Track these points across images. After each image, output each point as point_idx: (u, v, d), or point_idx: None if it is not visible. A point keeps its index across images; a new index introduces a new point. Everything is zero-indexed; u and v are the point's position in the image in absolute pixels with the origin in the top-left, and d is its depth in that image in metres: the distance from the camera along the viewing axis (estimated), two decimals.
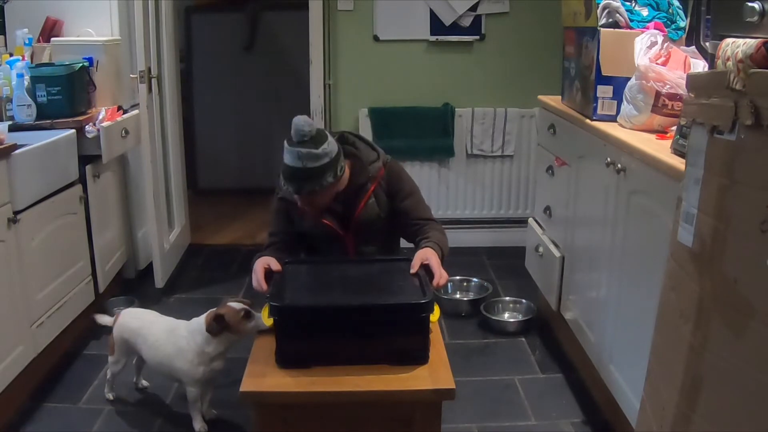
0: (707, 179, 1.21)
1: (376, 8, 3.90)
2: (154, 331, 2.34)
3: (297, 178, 2.11)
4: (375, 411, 1.87)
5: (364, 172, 2.29)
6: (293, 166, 2.10)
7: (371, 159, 2.32)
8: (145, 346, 2.35)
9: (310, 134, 2.09)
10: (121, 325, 2.42)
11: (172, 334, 2.30)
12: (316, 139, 2.10)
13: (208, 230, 4.50)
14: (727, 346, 1.14)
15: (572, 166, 2.71)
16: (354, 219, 2.28)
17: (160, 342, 2.31)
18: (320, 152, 2.09)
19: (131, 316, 2.45)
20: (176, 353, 2.26)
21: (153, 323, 2.39)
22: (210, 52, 5.23)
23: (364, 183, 2.28)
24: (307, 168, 2.09)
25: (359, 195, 2.27)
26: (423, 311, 1.90)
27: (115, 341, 2.43)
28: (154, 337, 2.33)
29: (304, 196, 2.16)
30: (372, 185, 2.29)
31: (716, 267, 1.17)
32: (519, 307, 3.29)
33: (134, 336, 2.38)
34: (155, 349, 2.32)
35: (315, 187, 2.12)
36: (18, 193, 2.44)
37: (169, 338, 2.29)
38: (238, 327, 2.17)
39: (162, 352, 2.30)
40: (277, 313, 1.90)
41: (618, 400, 2.19)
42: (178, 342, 2.26)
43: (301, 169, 2.09)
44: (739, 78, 1.15)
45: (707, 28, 2.44)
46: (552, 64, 3.62)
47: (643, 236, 2.03)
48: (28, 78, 2.91)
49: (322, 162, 2.10)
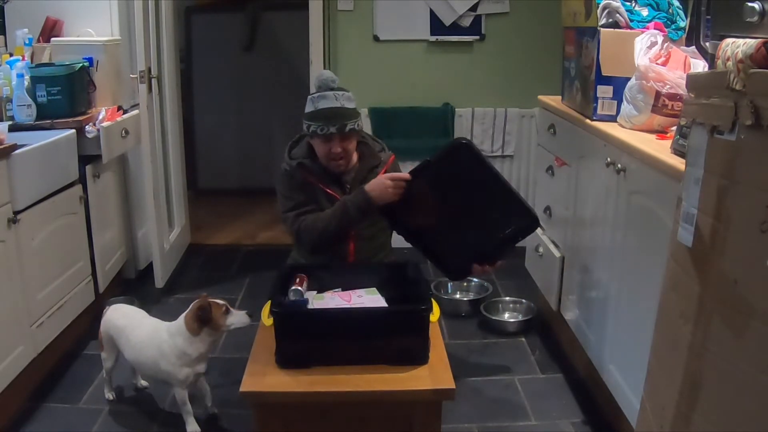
0: (707, 179, 1.21)
1: (376, 8, 3.90)
2: (138, 333, 2.34)
3: (338, 116, 2.24)
4: (375, 411, 1.87)
5: (375, 156, 2.43)
6: (332, 106, 2.25)
7: (377, 148, 2.47)
8: (128, 346, 2.35)
9: (337, 83, 2.29)
10: (108, 321, 2.43)
11: (155, 336, 2.29)
12: (343, 88, 2.30)
13: (208, 230, 4.50)
14: (727, 346, 1.14)
15: (572, 166, 2.71)
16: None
17: (144, 344, 2.30)
18: (351, 95, 2.30)
19: (119, 313, 2.45)
20: (159, 356, 2.25)
21: (138, 325, 2.38)
22: (210, 52, 5.23)
23: (375, 165, 2.40)
24: (345, 107, 2.26)
25: (368, 176, 2.36)
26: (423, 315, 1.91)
27: (103, 336, 2.43)
28: (138, 339, 2.33)
29: (345, 134, 2.26)
30: (383, 169, 2.39)
31: (716, 267, 1.17)
32: (519, 307, 3.29)
33: (118, 333, 2.38)
34: (138, 350, 2.32)
35: (354, 125, 2.27)
36: (18, 193, 2.44)
37: (152, 340, 2.28)
38: (218, 321, 2.20)
39: (145, 354, 2.30)
40: (277, 315, 1.90)
41: (618, 400, 2.19)
42: (160, 345, 2.25)
43: (341, 108, 2.25)
44: (739, 78, 1.15)
45: (707, 28, 2.43)
46: (552, 64, 3.62)
47: (643, 236, 2.03)
48: (28, 78, 2.91)
49: (354, 104, 2.30)
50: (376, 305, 2.06)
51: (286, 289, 2.07)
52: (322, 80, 2.30)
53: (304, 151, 2.38)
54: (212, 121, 5.31)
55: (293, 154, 2.41)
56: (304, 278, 2.12)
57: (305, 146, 2.39)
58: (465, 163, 2.26)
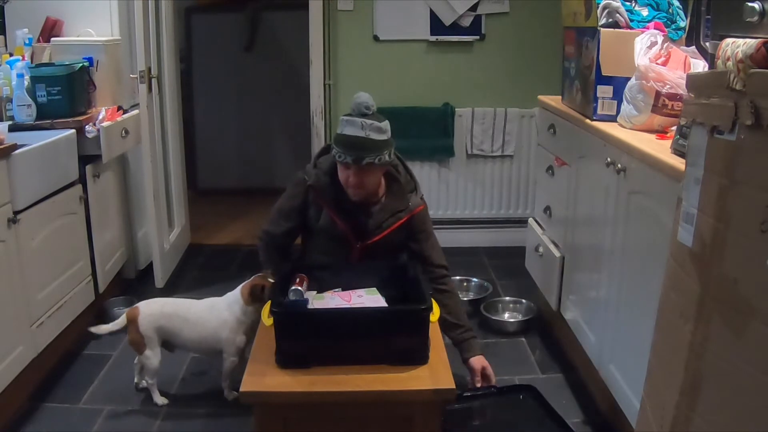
0: (707, 179, 1.21)
1: (376, 8, 3.90)
2: (194, 310, 2.48)
3: (359, 147, 2.15)
4: (375, 411, 1.87)
5: (403, 199, 2.32)
6: (356, 135, 2.15)
7: (409, 188, 2.36)
8: (186, 327, 2.45)
9: (373, 109, 2.17)
10: (150, 316, 2.45)
11: (213, 308, 2.46)
12: (377, 115, 2.18)
13: (208, 230, 4.50)
14: (727, 346, 1.14)
15: (572, 166, 2.71)
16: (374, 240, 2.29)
17: (204, 318, 2.45)
18: (383, 126, 2.18)
19: (157, 305, 2.50)
20: (221, 325, 2.42)
21: (190, 305, 2.52)
22: (210, 52, 5.23)
23: (401, 210, 2.31)
24: (370, 139, 2.15)
25: (390, 220, 2.29)
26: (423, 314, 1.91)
27: (145, 335, 2.44)
28: (197, 315, 2.46)
29: (362, 167, 2.17)
30: (406, 216, 2.31)
31: (716, 267, 1.17)
32: (519, 307, 3.29)
33: (172, 320, 2.45)
34: (200, 326, 2.44)
35: (374, 160, 2.16)
36: (18, 193, 2.44)
37: (212, 313, 2.45)
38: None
39: (206, 327, 2.44)
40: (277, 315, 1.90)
41: (618, 400, 2.19)
42: (220, 315, 2.42)
43: (364, 139, 2.14)
44: (739, 78, 1.15)
45: (707, 28, 2.43)
46: (552, 64, 3.62)
47: (643, 236, 2.03)
48: (28, 78, 2.91)
49: (384, 137, 2.17)
50: (376, 305, 2.06)
51: (286, 289, 2.07)
52: (356, 104, 2.17)
53: (329, 164, 2.31)
54: (212, 121, 5.31)
55: (319, 162, 2.34)
56: (304, 278, 2.12)
57: (332, 159, 2.30)
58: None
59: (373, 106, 2.17)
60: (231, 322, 2.41)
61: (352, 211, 2.29)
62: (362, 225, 2.30)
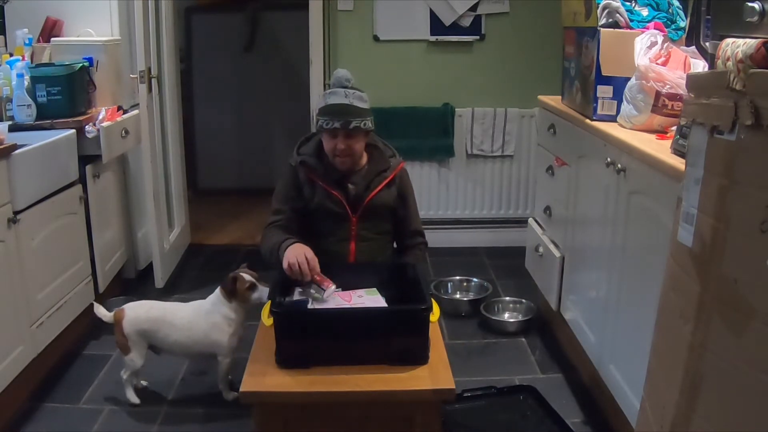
0: (707, 179, 1.21)
1: (376, 8, 3.90)
2: (181, 314, 2.45)
3: (345, 113, 2.25)
4: (375, 411, 1.87)
5: (384, 161, 2.43)
6: (341, 102, 2.27)
7: (388, 153, 2.47)
8: (173, 331, 2.42)
9: (353, 83, 2.32)
10: (135, 319, 2.44)
11: (200, 311, 2.44)
12: (356, 88, 2.32)
13: (208, 230, 4.50)
14: (727, 346, 1.13)
15: (572, 166, 2.71)
16: (367, 201, 2.34)
17: (192, 322, 2.43)
18: (364, 96, 2.32)
19: (143, 309, 2.48)
20: (211, 327, 2.41)
21: (177, 308, 2.50)
22: (210, 52, 5.23)
23: (384, 170, 2.40)
24: (354, 105, 2.27)
25: (377, 180, 2.37)
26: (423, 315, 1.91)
27: (129, 337, 2.43)
28: (184, 320, 2.43)
29: (350, 131, 2.26)
30: (392, 174, 2.40)
31: (716, 267, 1.17)
32: (519, 307, 3.29)
33: (156, 325, 2.43)
34: (187, 329, 2.42)
35: (360, 124, 2.27)
36: (18, 193, 2.44)
37: (199, 316, 2.43)
38: (243, 295, 2.39)
39: (195, 330, 2.42)
40: (277, 315, 1.90)
41: (618, 400, 2.19)
42: (209, 317, 2.41)
43: (349, 105, 2.26)
44: (739, 78, 1.15)
45: (707, 28, 2.43)
46: (552, 64, 3.62)
47: (643, 236, 2.03)
48: (28, 78, 2.91)
49: (365, 105, 2.31)
50: (376, 305, 2.06)
51: (287, 289, 2.07)
52: (336, 78, 2.33)
53: (313, 148, 2.39)
54: (212, 121, 5.31)
55: (301, 150, 2.41)
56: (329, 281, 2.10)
57: (315, 143, 2.40)
58: None
59: (352, 80, 2.32)
60: (221, 323, 2.40)
61: (340, 181, 2.36)
62: (353, 191, 2.36)
